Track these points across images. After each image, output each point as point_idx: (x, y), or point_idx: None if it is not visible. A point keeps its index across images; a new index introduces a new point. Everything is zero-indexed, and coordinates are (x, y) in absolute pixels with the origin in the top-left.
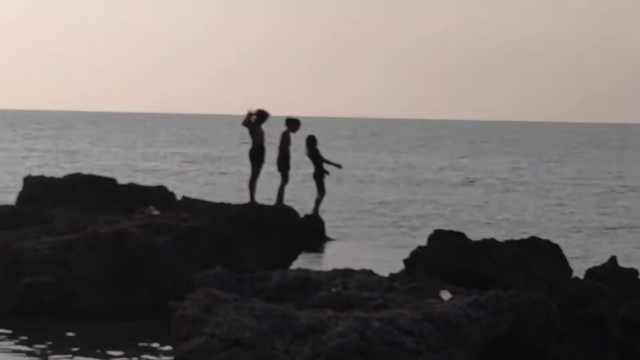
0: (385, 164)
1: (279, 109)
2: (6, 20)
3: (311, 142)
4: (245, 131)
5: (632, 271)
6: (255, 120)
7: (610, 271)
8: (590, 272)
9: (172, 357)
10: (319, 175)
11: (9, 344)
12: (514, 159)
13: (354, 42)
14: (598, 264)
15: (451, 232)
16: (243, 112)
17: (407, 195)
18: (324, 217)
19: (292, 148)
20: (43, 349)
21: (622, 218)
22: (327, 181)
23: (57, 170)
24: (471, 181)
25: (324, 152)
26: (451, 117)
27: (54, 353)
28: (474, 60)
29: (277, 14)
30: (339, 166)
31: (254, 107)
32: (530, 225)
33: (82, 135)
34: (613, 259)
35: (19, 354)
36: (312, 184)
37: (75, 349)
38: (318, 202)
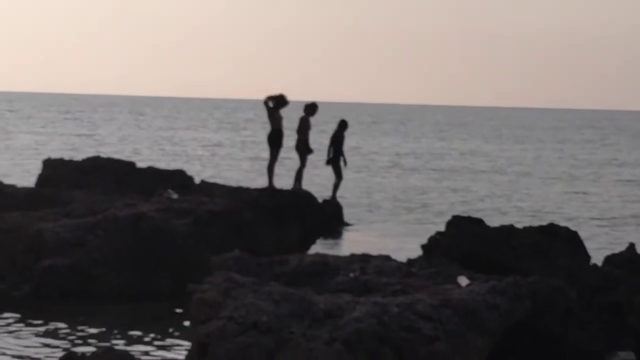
0: (406, 150)
1: (298, 95)
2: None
3: (342, 126)
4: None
5: None
6: (274, 105)
7: (628, 259)
8: (608, 260)
9: (190, 340)
10: (335, 160)
11: (28, 327)
12: (535, 145)
13: (374, 27)
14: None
15: (469, 218)
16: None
17: (429, 182)
18: (343, 202)
19: (311, 132)
20: (61, 332)
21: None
22: (349, 168)
23: (78, 154)
24: (495, 169)
25: (349, 138)
26: (472, 103)
27: (73, 336)
28: (493, 48)
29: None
30: (344, 163)
31: (274, 92)
32: (552, 212)
33: (100, 120)
34: (632, 247)
35: (37, 336)
36: (329, 169)
37: (94, 332)
38: (336, 187)
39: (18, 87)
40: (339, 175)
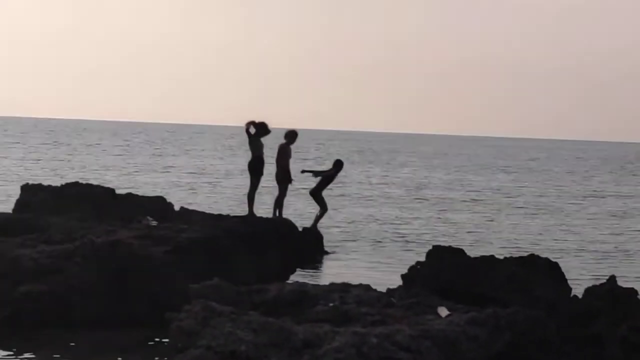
0: (389, 179)
1: (277, 123)
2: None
3: (338, 167)
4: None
5: (632, 291)
6: (255, 133)
7: (609, 291)
8: (589, 291)
9: None
10: (317, 192)
11: (4, 354)
12: (514, 176)
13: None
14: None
15: (450, 248)
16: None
17: (410, 211)
18: (323, 231)
19: (291, 161)
20: (38, 359)
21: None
22: (330, 196)
23: (61, 180)
24: (475, 199)
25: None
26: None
27: None
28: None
29: (275, 23)
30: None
31: (256, 119)
32: (534, 243)
33: (77, 145)
34: (612, 279)
35: None
36: (308, 197)
37: (71, 359)
38: (319, 217)
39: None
40: (323, 207)
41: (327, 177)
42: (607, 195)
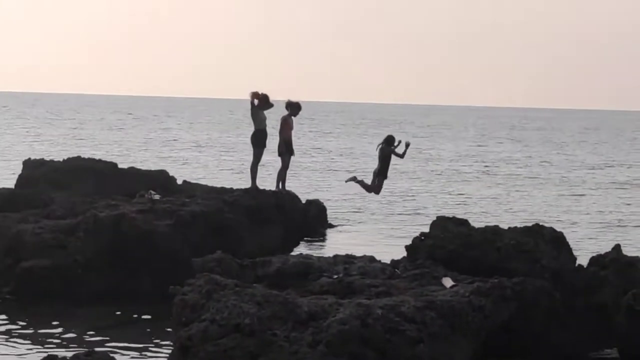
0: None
1: (278, 94)
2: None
3: (390, 142)
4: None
5: (636, 260)
6: (257, 105)
7: (613, 260)
8: (594, 261)
9: (172, 342)
10: (381, 174)
11: (7, 328)
12: (526, 147)
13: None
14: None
15: (454, 219)
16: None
17: (419, 183)
18: (329, 204)
19: (293, 133)
20: (42, 334)
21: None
22: (339, 169)
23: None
24: (486, 172)
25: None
26: (452, 102)
27: (53, 337)
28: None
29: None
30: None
31: (258, 90)
32: (542, 214)
33: (83, 119)
34: (617, 247)
35: (17, 338)
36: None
37: (74, 334)
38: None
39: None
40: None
41: (385, 156)
42: (615, 165)
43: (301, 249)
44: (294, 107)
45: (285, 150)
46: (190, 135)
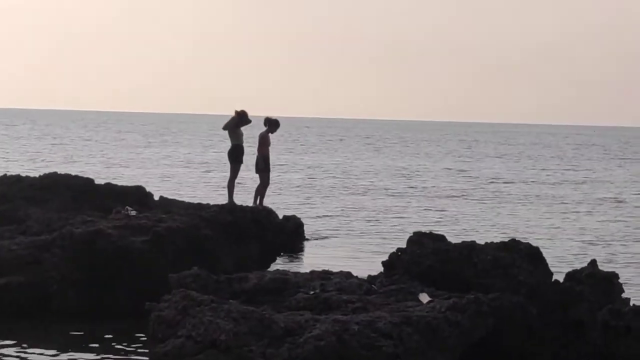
0: (379, 167)
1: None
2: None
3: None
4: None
5: (612, 275)
6: (234, 121)
7: (589, 275)
8: (569, 276)
9: (148, 359)
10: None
11: None
12: (509, 163)
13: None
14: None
15: (430, 234)
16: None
17: (400, 200)
18: (306, 219)
19: (270, 149)
20: (17, 351)
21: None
22: (315, 184)
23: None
24: (465, 188)
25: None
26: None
27: (28, 354)
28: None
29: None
30: None
31: (238, 108)
32: (524, 231)
33: (69, 135)
34: (593, 262)
35: None
36: (292, 186)
37: (50, 350)
38: None
39: None
40: None
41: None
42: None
43: (278, 264)
44: (272, 125)
45: (264, 167)
46: (170, 151)
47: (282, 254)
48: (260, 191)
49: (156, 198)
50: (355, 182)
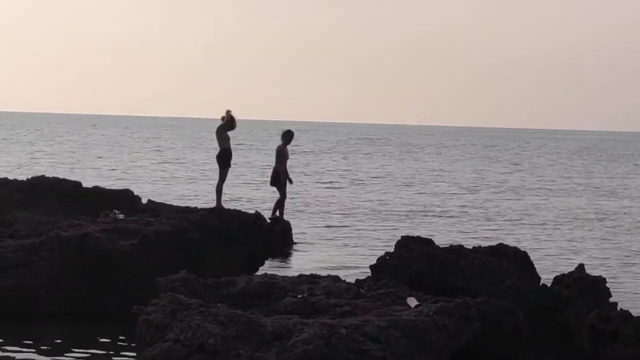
0: (375, 171)
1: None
2: None
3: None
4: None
5: (599, 279)
6: (222, 125)
7: (577, 279)
8: (557, 280)
9: None
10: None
11: None
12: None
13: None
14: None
15: (418, 238)
16: (212, 116)
17: (386, 205)
18: (293, 221)
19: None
20: (5, 354)
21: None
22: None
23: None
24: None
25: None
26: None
27: (16, 357)
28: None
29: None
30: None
31: (226, 111)
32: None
33: (49, 138)
34: (581, 267)
35: None
36: (274, 190)
37: (37, 354)
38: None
39: None
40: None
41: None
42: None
43: (266, 268)
44: (288, 137)
45: (284, 180)
46: (159, 154)
47: (270, 258)
48: (281, 204)
49: (143, 201)
50: (342, 185)
